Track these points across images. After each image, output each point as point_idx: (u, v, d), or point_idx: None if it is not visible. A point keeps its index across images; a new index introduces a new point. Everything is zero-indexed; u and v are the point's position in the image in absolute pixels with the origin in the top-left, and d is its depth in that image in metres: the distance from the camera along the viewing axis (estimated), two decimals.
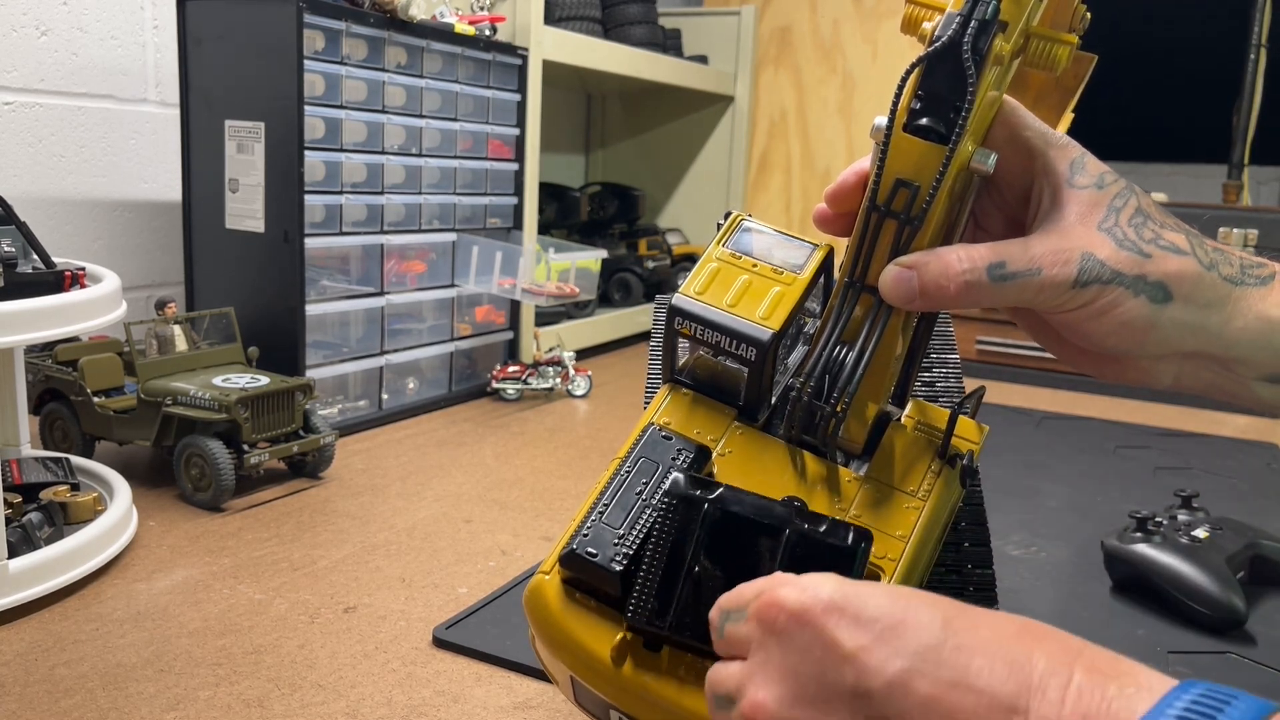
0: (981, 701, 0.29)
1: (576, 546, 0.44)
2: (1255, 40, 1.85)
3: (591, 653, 0.44)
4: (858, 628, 0.32)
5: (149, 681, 0.64)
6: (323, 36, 1.17)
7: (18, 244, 0.82)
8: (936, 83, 0.42)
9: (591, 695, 0.45)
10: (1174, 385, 0.48)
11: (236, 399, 0.95)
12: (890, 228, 0.44)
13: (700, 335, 0.47)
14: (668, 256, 2.12)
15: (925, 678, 0.30)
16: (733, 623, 0.36)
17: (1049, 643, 0.31)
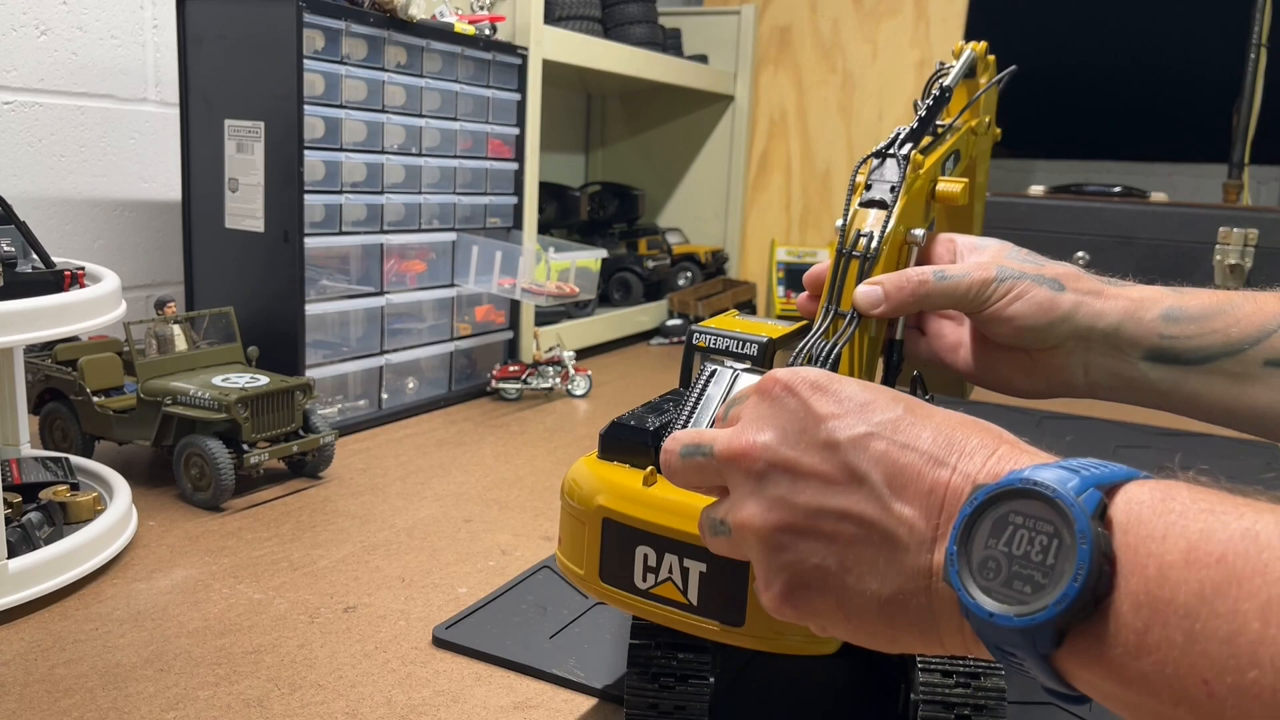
0: (920, 457, 0.38)
1: (619, 420, 0.58)
2: (1255, 40, 1.85)
3: (625, 484, 0.55)
4: (834, 402, 0.40)
5: (149, 681, 0.64)
6: (322, 36, 1.17)
7: (17, 243, 0.82)
8: (878, 172, 0.63)
9: (621, 535, 0.54)
10: (1086, 382, 0.61)
11: (236, 399, 0.95)
12: (855, 265, 0.60)
13: (715, 345, 0.60)
14: (668, 256, 2.12)
15: (882, 439, 0.39)
16: (703, 456, 0.44)
17: (986, 431, 0.39)
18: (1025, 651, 0.33)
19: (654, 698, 0.57)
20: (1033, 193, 1.88)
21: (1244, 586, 0.28)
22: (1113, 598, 0.31)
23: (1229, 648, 0.28)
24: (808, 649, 0.52)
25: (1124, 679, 0.31)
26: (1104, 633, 0.32)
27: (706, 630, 0.53)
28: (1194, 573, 0.30)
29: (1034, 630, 0.32)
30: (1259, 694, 0.27)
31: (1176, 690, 0.29)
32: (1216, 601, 0.29)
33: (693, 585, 0.53)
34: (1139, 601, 0.31)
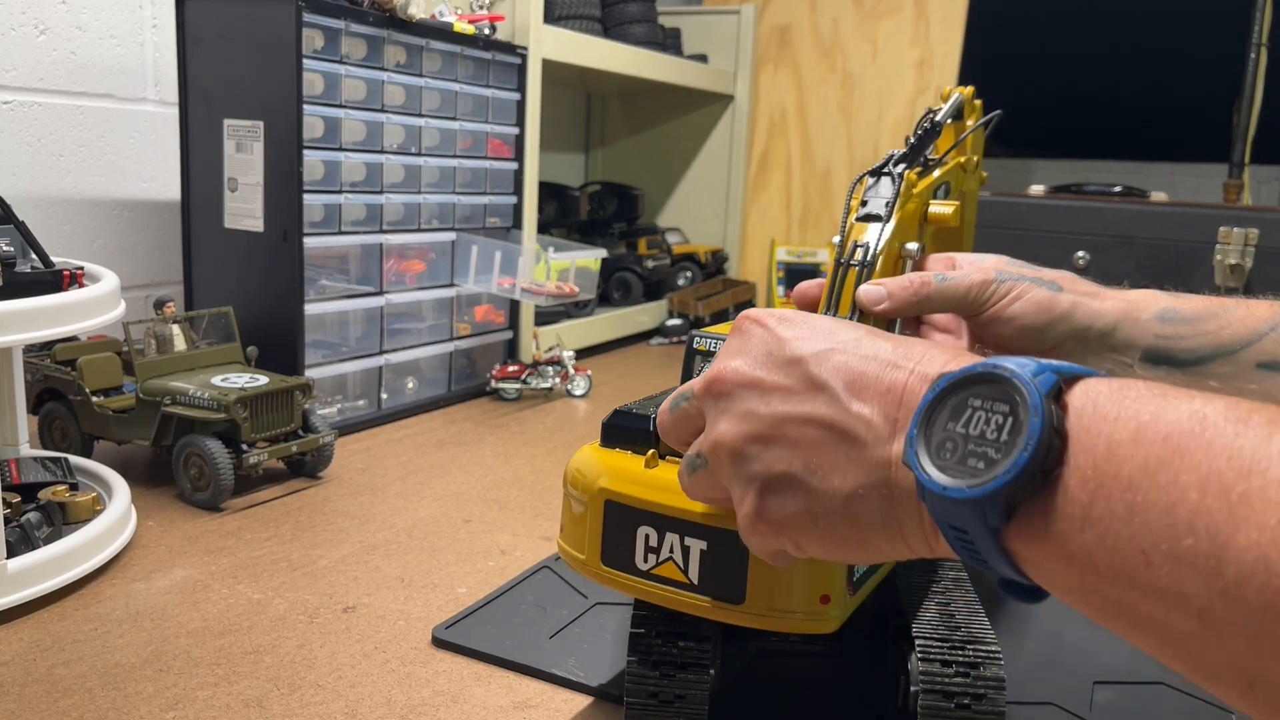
0: (879, 364, 0.40)
1: (621, 409, 0.61)
2: (1256, 39, 1.85)
3: (627, 467, 0.57)
4: (799, 327, 0.44)
5: (148, 681, 0.64)
6: (322, 35, 1.17)
7: (16, 243, 0.82)
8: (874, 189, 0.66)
9: (623, 516, 0.56)
10: None
11: (235, 398, 0.95)
12: (853, 273, 0.62)
13: (715, 349, 0.61)
14: (667, 256, 2.12)
15: (843, 353, 0.42)
16: (686, 401, 0.47)
17: (947, 346, 0.41)
18: (976, 526, 0.34)
19: (655, 686, 0.58)
20: (1033, 192, 1.88)
21: (1186, 460, 0.29)
22: (1062, 472, 0.33)
23: (1167, 517, 0.29)
24: (806, 627, 0.53)
25: (1068, 554, 0.32)
26: (1051, 507, 0.33)
27: (707, 609, 0.54)
28: (1140, 449, 0.31)
29: (984, 501, 0.34)
30: (1193, 561, 0.28)
31: (1116, 563, 0.30)
32: (1159, 474, 0.30)
33: (693, 564, 0.54)
34: (1086, 476, 0.32)
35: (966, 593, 0.65)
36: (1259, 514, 0.27)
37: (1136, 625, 0.31)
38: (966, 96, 0.79)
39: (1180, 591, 0.29)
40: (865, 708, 0.65)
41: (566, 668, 0.67)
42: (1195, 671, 0.30)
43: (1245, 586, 0.27)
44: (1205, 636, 0.29)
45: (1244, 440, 0.28)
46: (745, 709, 0.64)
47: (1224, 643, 0.28)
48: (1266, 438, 0.28)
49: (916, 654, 0.58)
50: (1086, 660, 0.71)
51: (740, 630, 0.57)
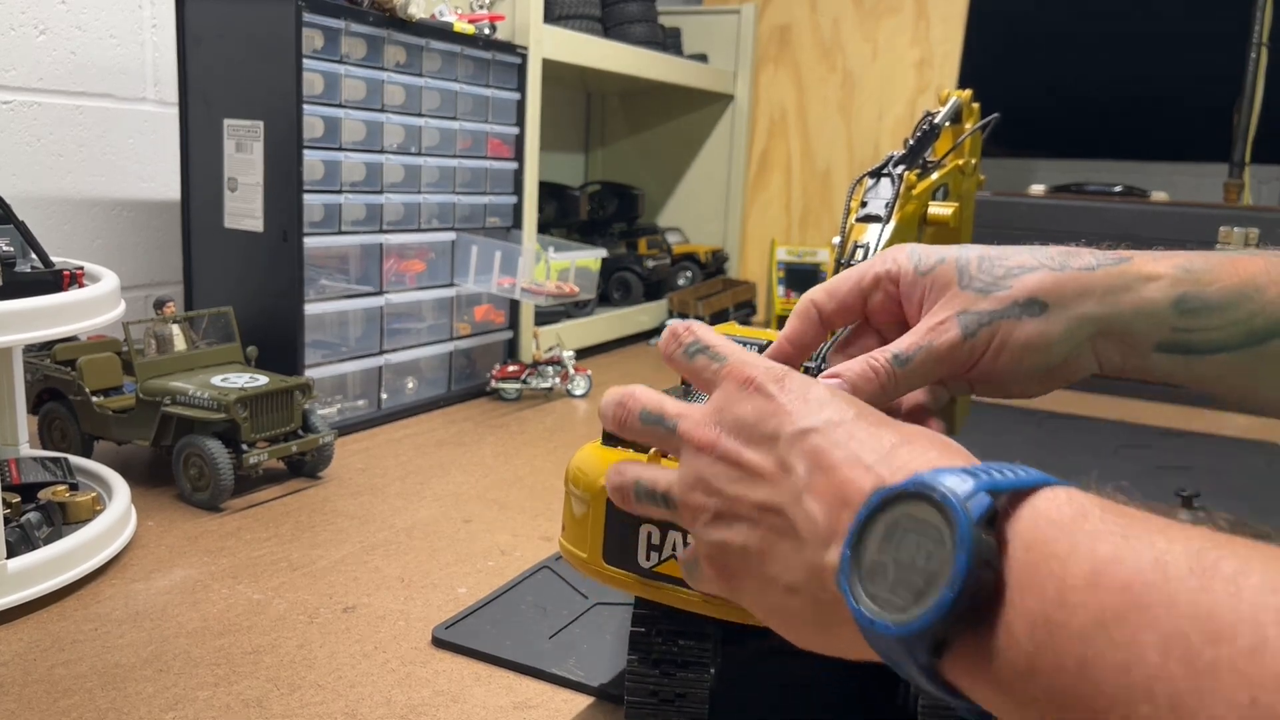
0: (847, 455, 0.38)
1: None
2: (1256, 39, 1.85)
3: None
4: (786, 398, 0.42)
5: (148, 681, 0.64)
6: (322, 35, 1.17)
7: (16, 243, 0.82)
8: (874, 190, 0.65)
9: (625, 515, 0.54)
10: (1099, 369, 0.53)
11: (235, 398, 0.95)
12: None
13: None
14: (667, 256, 2.12)
15: (819, 435, 0.39)
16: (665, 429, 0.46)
17: (932, 441, 0.38)
18: (906, 662, 0.33)
19: (655, 684, 0.58)
20: (1033, 192, 1.88)
21: (1146, 615, 0.27)
22: (1003, 612, 0.30)
23: (1123, 678, 0.27)
24: None
25: (1012, 698, 0.30)
26: (992, 649, 0.31)
27: (709, 607, 0.54)
28: (1095, 597, 0.28)
29: (910, 640, 0.32)
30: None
31: (1058, 705, 0.28)
32: (1115, 629, 0.27)
33: None
34: (1033, 621, 0.29)
35: None
36: (1228, 688, 0.24)
37: None
38: (964, 100, 0.80)
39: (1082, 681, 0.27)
40: (865, 708, 0.65)
41: (566, 668, 0.67)
42: None
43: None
44: None
45: (1211, 596, 0.26)
46: (745, 708, 0.64)
47: None
48: (1235, 594, 0.26)
49: None
50: None
51: (741, 629, 0.57)
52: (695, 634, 0.58)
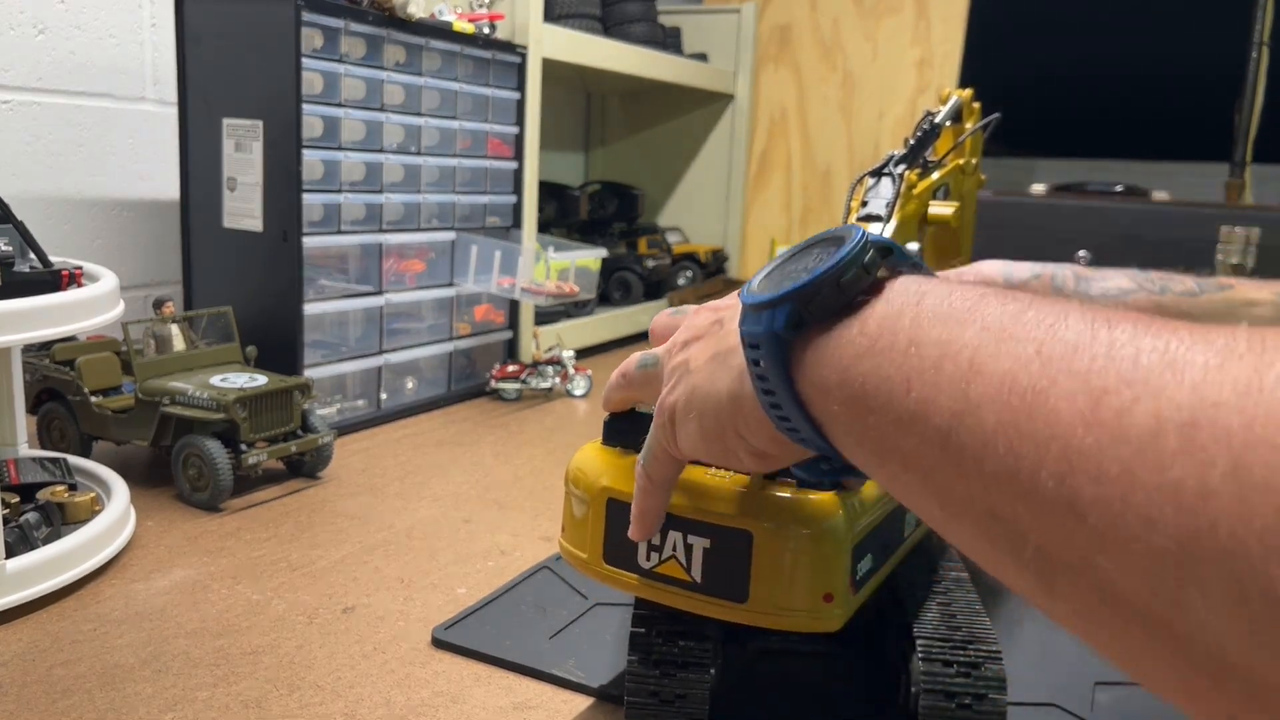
0: None
1: None
2: (1257, 38, 1.85)
3: (629, 466, 0.56)
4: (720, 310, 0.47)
5: (147, 682, 0.64)
6: (321, 34, 1.17)
7: (15, 243, 0.82)
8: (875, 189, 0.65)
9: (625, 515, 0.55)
10: None
11: (234, 398, 0.95)
12: None
13: None
14: (667, 255, 2.12)
15: None
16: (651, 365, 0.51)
17: None
18: (767, 337, 0.36)
19: (655, 685, 0.57)
20: (1034, 191, 1.88)
21: (979, 311, 0.30)
22: (860, 313, 0.34)
23: (939, 350, 0.30)
24: (810, 626, 0.53)
25: (845, 385, 0.34)
26: (841, 335, 0.34)
27: (710, 607, 0.54)
28: (947, 306, 0.32)
29: (776, 302, 0.36)
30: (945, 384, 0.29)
31: (884, 392, 0.32)
32: (950, 321, 0.31)
33: (696, 563, 0.54)
34: (884, 316, 0.33)
35: (967, 593, 0.65)
36: (1022, 346, 0.28)
37: (902, 465, 0.32)
38: (965, 99, 0.80)
39: (927, 416, 0.30)
40: (865, 708, 0.65)
41: (566, 668, 0.67)
42: (948, 515, 0.30)
43: (983, 409, 0.28)
44: (946, 468, 0.29)
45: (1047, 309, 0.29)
46: (746, 709, 0.64)
47: (963, 473, 0.28)
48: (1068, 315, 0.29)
49: (918, 654, 0.58)
50: (1087, 660, 0.71)
51: (741, 629, 0.56)
52: (695, 635, 0.58)
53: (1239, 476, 0.21)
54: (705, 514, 0.53)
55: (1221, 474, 0.22)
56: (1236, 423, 0.22)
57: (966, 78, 2.08)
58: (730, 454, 0.44)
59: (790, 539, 0.52)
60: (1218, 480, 0.22)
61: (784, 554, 0.52)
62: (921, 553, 0.70)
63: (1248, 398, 0.22)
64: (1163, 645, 0.24)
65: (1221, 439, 0.22)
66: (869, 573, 0.58)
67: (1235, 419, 0.22)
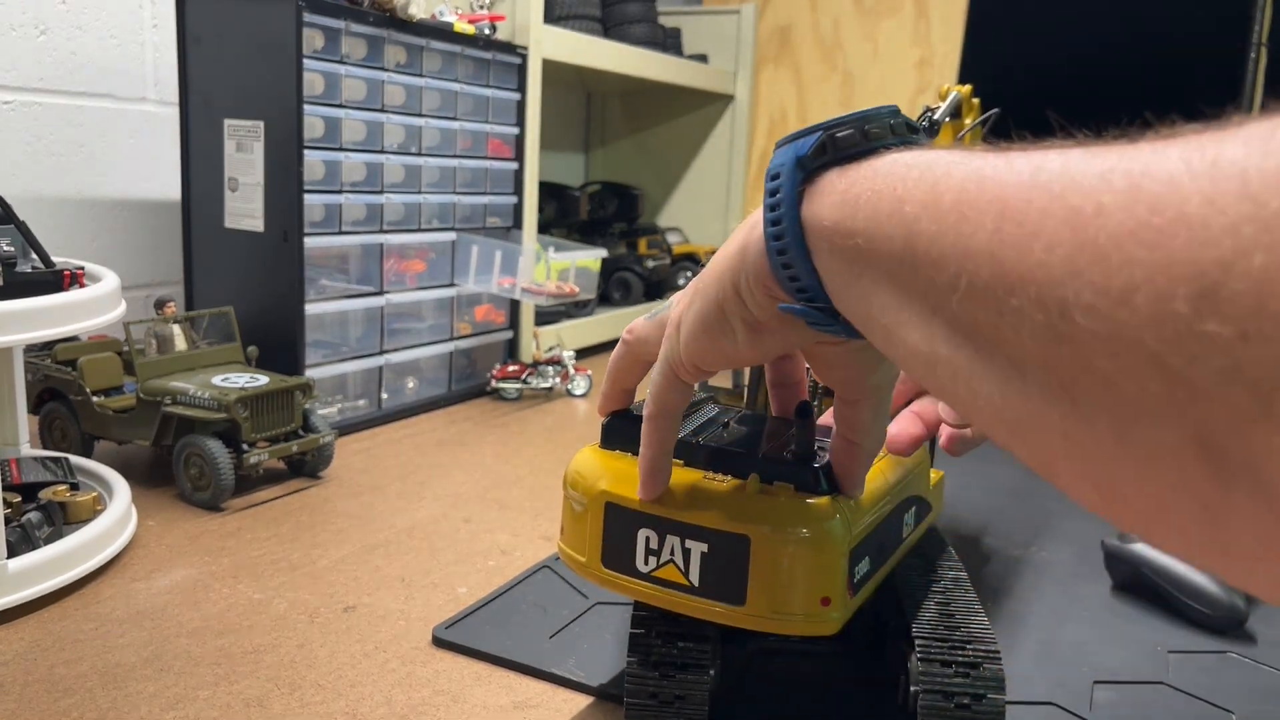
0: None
1: (620, 411, 0.62)
2: (1256, 39, 1.85)
3: (627, 470, 0.57)
4: None
5: (148, 681, 0.64)
6: (322, 35, 1.17)
7: (17, 243, 0.82)
8: None
9: (624, 518, 0.56)
10: None
11: (236, 398, 0.95)
12: None
13: None
14: (667, 256, 2.12)
15: None
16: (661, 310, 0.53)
17: None
18: (788, 165, 0.38)
19: (654, 686, 0.58)
20: None
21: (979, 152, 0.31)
22: (878, 156, 0.36)
23: (926, 169, 0.31)
24: (808, 629, 0.53)
25: (842, 202, 0.35)
26: (854, 170, 0.36)
27: (708, 611, 0.54)
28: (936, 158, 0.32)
29: (803, 134, 0.38)
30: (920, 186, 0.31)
31: (870, 204, 0.33)
32: (949, 154, 0.32)
33: (694, 566, 0.54)
34: (895, 160, 0.34)
35: (966, 593, 0.65)
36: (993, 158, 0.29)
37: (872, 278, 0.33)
38: (964, 95, 0.80)
39: (900, 213, 0.31)
40: (865, 708, 0.65)
41: (566, 668, 0.67)
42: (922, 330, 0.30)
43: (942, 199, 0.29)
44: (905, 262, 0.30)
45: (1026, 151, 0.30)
46: (745, 709, 0.64)
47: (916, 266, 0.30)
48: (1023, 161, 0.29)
49: (916, 654, 0.58)
50: (1086, 660, 0.71)
51: (740, 631, 0.57)
52: (694, 636, 0.58)
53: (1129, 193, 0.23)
54: (703, 518, 0.54)
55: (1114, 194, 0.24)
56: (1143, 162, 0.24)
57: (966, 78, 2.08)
58: (726, 327, 0.44)
59: (787, 542, 0.52)
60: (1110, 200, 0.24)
61: (781, 557, 0.52)
62: (920, 553, 0.70)
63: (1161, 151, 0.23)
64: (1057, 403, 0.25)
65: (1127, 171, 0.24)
66: (867, 575, 0.58)
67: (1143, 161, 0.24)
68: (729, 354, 0.45)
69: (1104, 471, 0.24)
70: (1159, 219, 0.22)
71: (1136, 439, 0.23)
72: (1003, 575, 0.86)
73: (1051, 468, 0.27)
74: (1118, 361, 0.22)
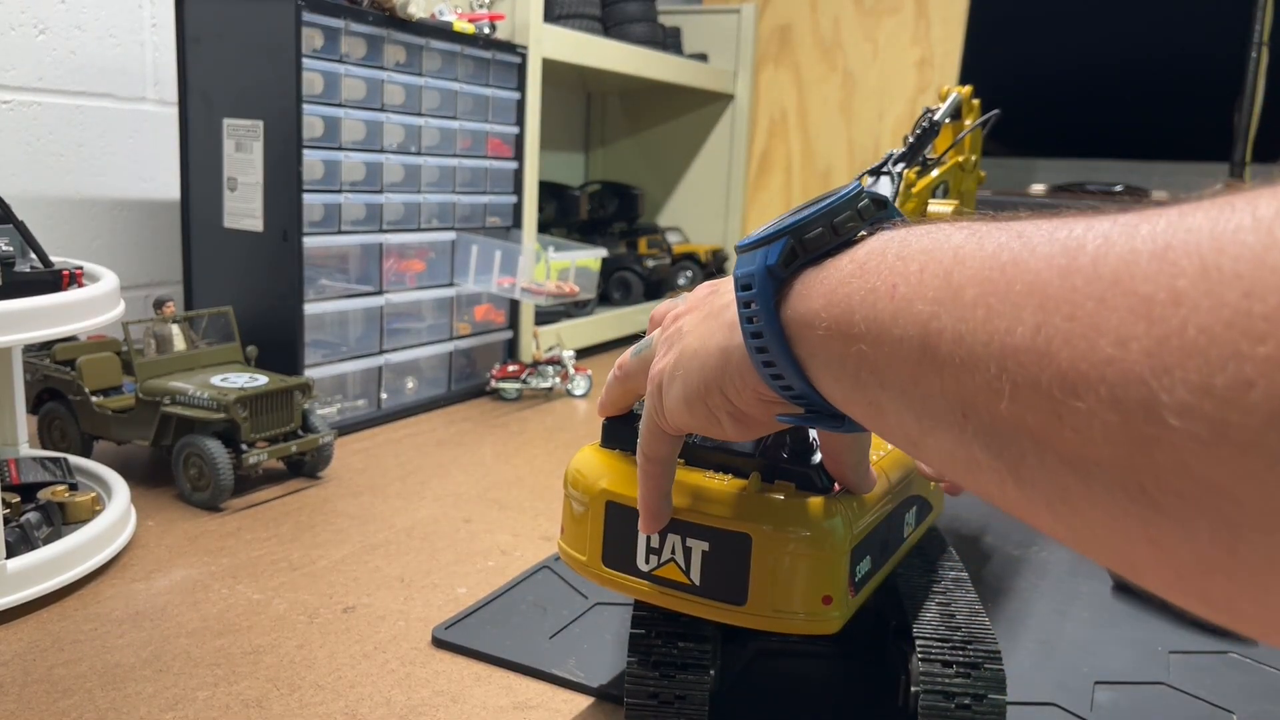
0: None
1: None
2: (1257, 38, 1.85)
3: (627, 469, 0.56)
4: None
5: (147, 681, 0.64)
6: (321, 35, 1.17)
7: (16, 243, 0.82)
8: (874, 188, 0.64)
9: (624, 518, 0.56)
10: None
11: (235, 398, 0.95)
12: None
13: None
14: (667, 255, 2.12)
15: None
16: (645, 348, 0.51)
17: None
18: (760, 274, 0.36)
19: (655, 687, 0.58)
20: (1034, 191, 1.88)
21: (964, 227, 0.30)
22: (852, 249, 0.35)
23: (923, 257, 0.30)
24: (809, 628, 0.53)
25: (830, 304, 0.34)
26: (830, 265, 0.35)
27: (709, 610, 0.54)
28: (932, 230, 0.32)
29: (770, 239, 0.37)
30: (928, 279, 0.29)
31: (867, 304, 0.32)
32: (937, 235, 0.31)
33: (695, 565, 0.54)
34: (873, 249, 0.34)
35: (966, 593, 0.65)
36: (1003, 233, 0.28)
37: (879, 381, 0.31)
38: (965, 96, 0.80)
39: (910, 312, 0.29)
40: (865, 708, 0.65)
41: (566, 668, 0.67)
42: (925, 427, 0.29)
43: (965, 289, 0.28)
44: (924, 365, 0.29)
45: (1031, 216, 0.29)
46: (745, 709, 0.64)
47: (939, 364, 0.28)
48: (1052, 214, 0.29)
49: (917, 654, 0.58)
50: (1086, 660, 0.71)
51: (741, 631, 0.56)
52: (695, 636, 0.58)
53: (1207, 275, 0.21)
54: (704, 517, 0.54)
55: (1190, 278, 0.21)
56: (1207, 235, 0.21)
57: (966, 77, 2.08)
58: (712, 416, 0.43)
59: (789, 541, 0.52)
60: (1186, 285, 0.21)
61: (782, 556, 0.52)
62: (921, 553, 0.70)
63: (1219, 220, 0.21)
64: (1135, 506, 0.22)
65: (1192, 250, 0.21)
66: (868, 574, 0.58)
67: (1206, 234, 0.21)
68: (715, 434, 0.45)
69: (1210, 583, 0.22)
70: (1262, 306, 0.19)
71: (1255, 547, 0.20)
72: (1003, 575, 0.86)
73: (1137, 571, 0.24)
74: (1228, 466, 0.20)
